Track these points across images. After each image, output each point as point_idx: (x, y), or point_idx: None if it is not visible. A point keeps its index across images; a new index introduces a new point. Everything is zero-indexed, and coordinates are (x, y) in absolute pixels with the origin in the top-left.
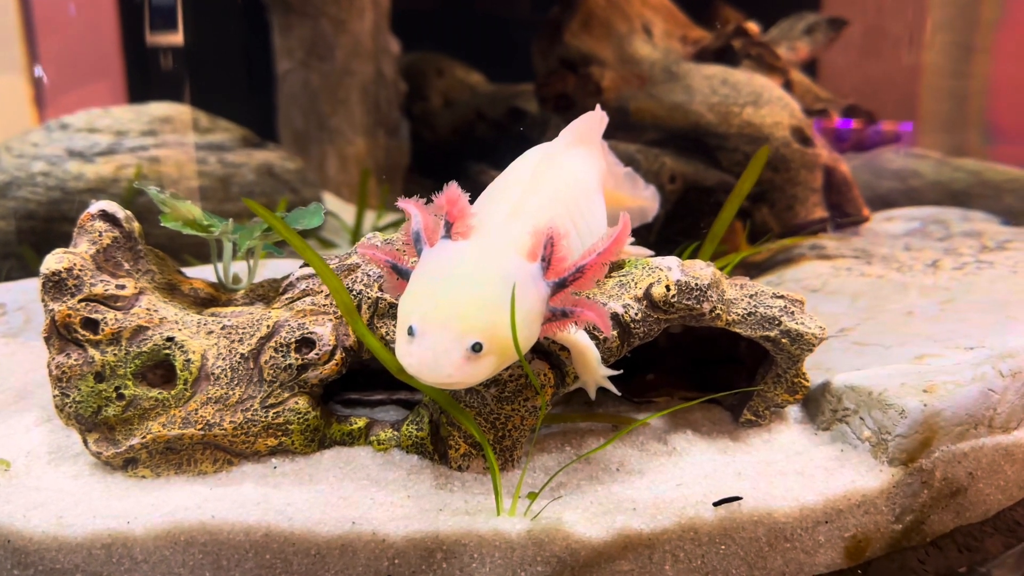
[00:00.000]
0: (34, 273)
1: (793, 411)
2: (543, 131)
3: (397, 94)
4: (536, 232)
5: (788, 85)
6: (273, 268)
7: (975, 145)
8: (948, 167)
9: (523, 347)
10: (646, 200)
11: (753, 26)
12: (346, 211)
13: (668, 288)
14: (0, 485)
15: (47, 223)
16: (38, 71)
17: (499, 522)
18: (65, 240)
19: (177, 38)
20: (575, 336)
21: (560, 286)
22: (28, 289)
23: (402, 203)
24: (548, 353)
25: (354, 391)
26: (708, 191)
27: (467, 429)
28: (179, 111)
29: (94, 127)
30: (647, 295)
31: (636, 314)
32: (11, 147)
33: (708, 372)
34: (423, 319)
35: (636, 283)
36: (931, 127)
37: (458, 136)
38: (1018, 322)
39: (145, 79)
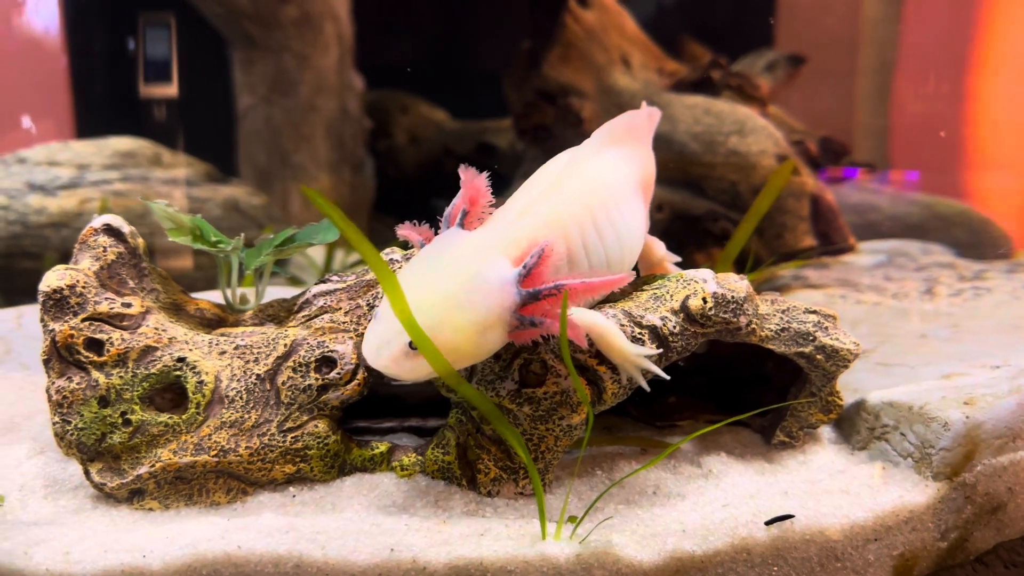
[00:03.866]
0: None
1: (826, 431)
2: (515, 165)
3: (362, 131)
4: (531, 240)
5: (764, 116)
6: (272, 292)
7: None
8: (903, 201)
9: (472, 352)
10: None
11: (723, 61)
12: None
13: (705, 301)
14: None
15: (7, 258)
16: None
17: (545, 547)
18: (26, 276)
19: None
20: (583, 319)
21: (533, 297)
22: (5, 319)
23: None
24: (585, 368)
25: (362, 419)
26: (695, 219)
27: (511, 446)
28: (140, 145)
29: (54, 160)
30: (684, 308)
31: (674, 327)
32: None
33: (731, 393)
34: (383, 305)
35: (672, 296)
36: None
37: (424, 173)
38: None
39: (97, 116)
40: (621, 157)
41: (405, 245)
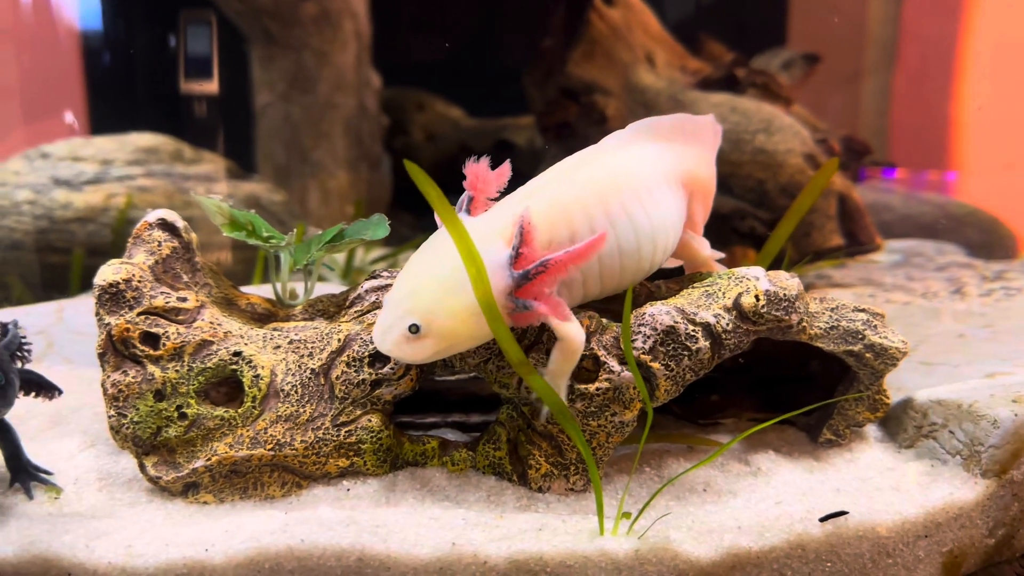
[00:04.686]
0: (22, 302)
1: (872, 430)
2: (533, 164)
3: (379, 128)
4: (514, 219)
5: (788, 115)
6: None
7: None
8: (915, 201)
9: (470, 335)
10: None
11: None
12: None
13: (757, 298)
14: (52, 514)
15: (34, 253)
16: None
17: (604, 542)
18: (53, 271)
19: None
20: (567, 328)
21: (524, 278)
22: (45, 313)
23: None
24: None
25: (406, 414)
26: (723, 218)
27: (563, 441)
28: (162, 141)
29: (77, 156)
30: (736, 305)
31: (727, 324)
32: None
33: (774, 392)
34: (390, 292)
35: (724, 293)
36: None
37: (440, 170)
38: None
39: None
40: (659, 152)
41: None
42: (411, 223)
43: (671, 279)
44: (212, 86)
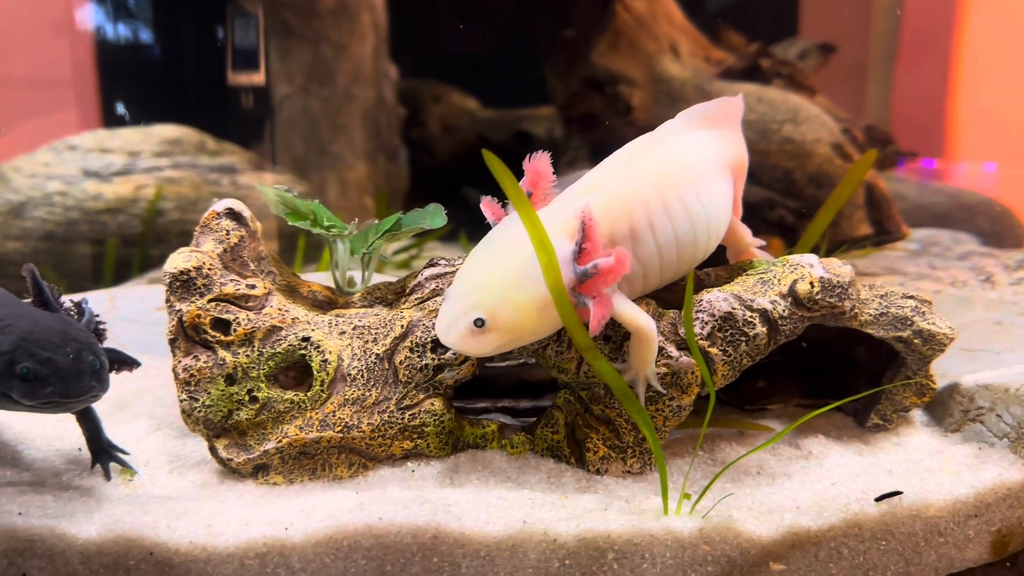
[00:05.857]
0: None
1: (917, 415)
2: (554, 155)
3: (397, 119)
4: (576, 213)
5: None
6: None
7: None
8: (929, 191)
9: (534, 329)
10: None
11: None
12: None
13: (812, 285)
14: (129, 496)
15: (65, 243)
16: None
17: (669, 521)
18: (84, 261)
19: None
20: (638, 319)
21: (584, 275)
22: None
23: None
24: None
25: (457, 399)
26: (751, 207)
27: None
28: (186, 133)
29: (105, 147)
30: (792, 292)
31: (783, 311)
32: (20, 167)
33: (819, 378)
34: (452, 285)
35: (779, 280)
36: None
37: (458, 162)
38: None
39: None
40: (710, 139)
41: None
42: None
43: (717, 267)
44: (260, 77)
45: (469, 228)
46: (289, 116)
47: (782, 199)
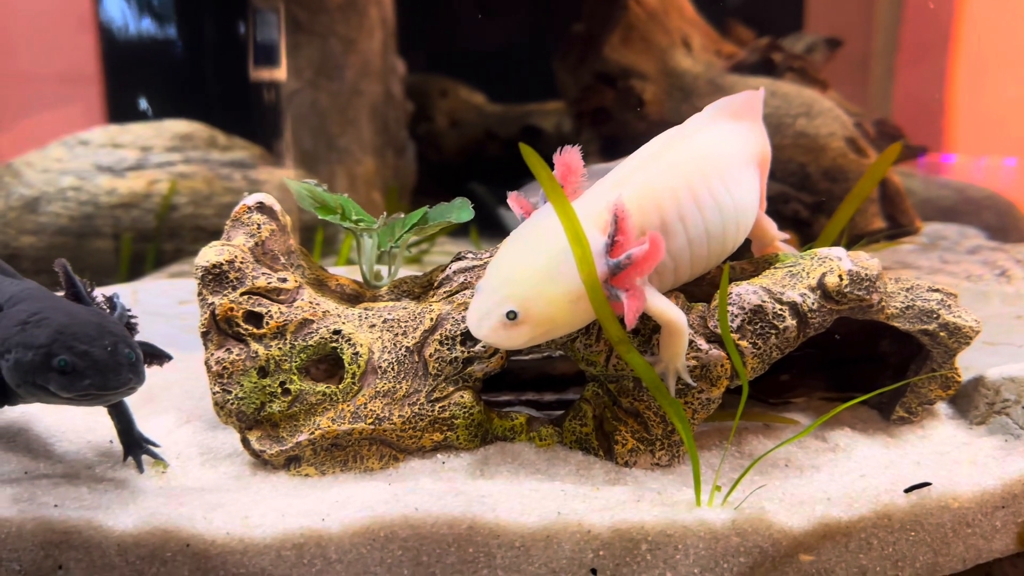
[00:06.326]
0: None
1: (942, 407)
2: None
3: (404, 114)
4: (608, 207)
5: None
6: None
7: None
8: (935, 185)
9: (566, 322)
10: None
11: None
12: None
13: (841, 278)
14: (163, 488)
15: (80, 238)
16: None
17: (702, 512)
18: (99, 256)
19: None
20: (668, 312)
21: (617, 268)
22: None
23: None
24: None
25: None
26: (767, 201)
27: (669, 416)
28: (196, 128)
29: (117, 142)
30: (820, 285)
31: (813, 304)
32: (32, 162)
33: (842, 371)
34: (484, 279)
35: (808, 273)
36: None
37: (465, 156)
38: None
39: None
40: (737, 132)
41: None
42: None
43: (743, 260)
44: (281, 73)
45: (478, 222)
46: (298, 111)
47: (796, 193)
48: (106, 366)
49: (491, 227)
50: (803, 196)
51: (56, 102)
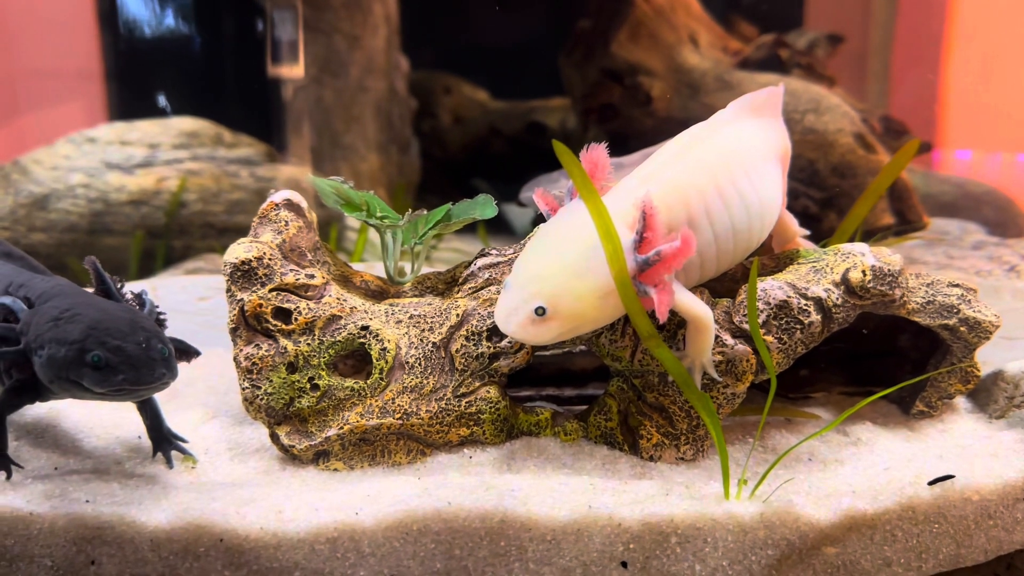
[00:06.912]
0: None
1: (961, 402)
2: (568, 146)
3: (409, 111)
4: (636, 203)
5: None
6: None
7: None
8: (935, 180)
9: (595, 317)
10: None
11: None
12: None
13: (864, 273)
14: (194, 483)
15: (90, 235)
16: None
17: (731, 506)
18: (109, 252)
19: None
20: (695, 307)
21: (646, 264)
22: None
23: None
24: (749, 337)
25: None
26: None
27: (698, 411)
28: (203, 125)
29: (124, 140)
30: (844, 280)
31: (837, 299)
32: (40, 160)
33: (862, 366)
34: (512, 275)
35: (832, 268)
36: None
37: (469, 153)
38: None
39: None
40: (760, 128)
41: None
42: (436, 206)
43: (764, 256)
44: (299, 70)
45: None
46: (302, 108)
47: (805, 189)
48: (140, 361)
49: (495, 224)
50: (812, 192)
51: (57, 99)
